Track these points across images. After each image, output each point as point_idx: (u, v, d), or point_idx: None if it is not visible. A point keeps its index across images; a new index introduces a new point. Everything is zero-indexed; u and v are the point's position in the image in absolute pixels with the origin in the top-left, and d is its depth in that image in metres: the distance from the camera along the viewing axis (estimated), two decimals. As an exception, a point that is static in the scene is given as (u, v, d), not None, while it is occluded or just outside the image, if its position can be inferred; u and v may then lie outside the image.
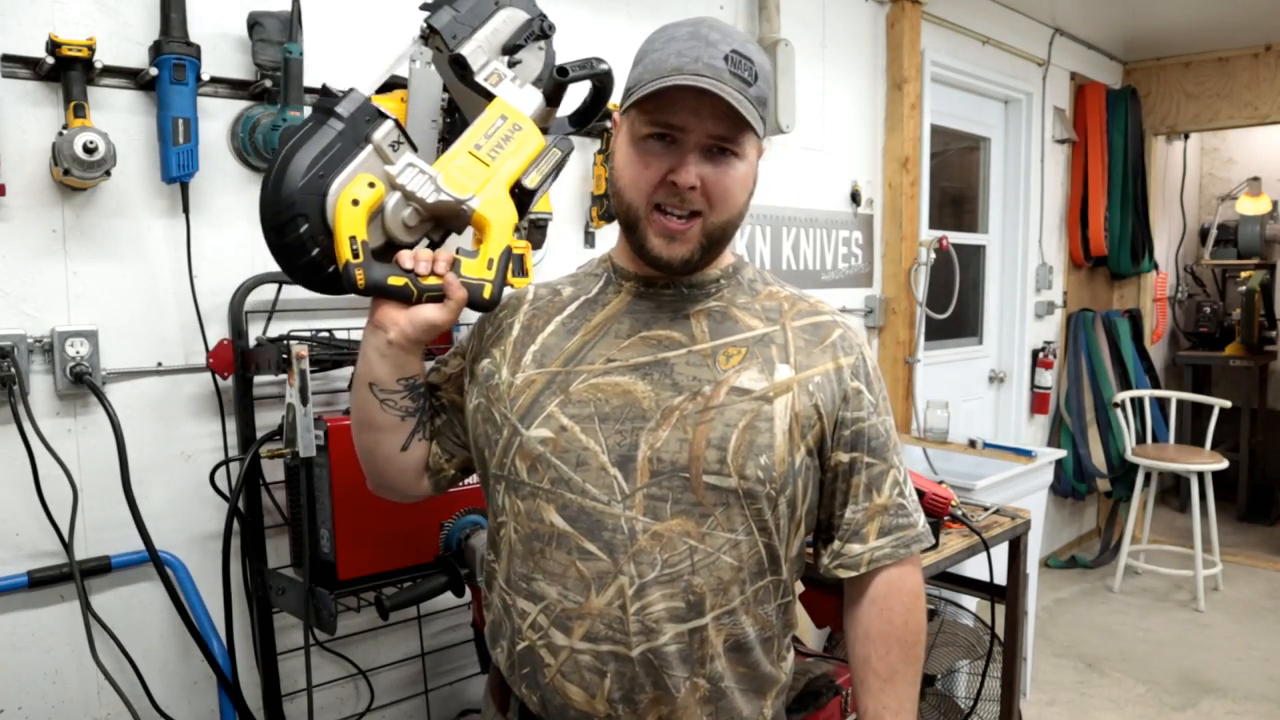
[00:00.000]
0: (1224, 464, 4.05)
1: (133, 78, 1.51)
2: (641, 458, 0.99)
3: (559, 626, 1.00)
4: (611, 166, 1.07)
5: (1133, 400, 4.35)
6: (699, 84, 0.94)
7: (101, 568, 1.52)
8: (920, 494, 1.89)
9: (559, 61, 1.21)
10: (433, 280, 1.04)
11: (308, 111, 1.60)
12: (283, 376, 1.56)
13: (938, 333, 3.58)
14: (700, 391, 1.01)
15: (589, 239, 2.23)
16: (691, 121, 0.97)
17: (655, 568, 0.98)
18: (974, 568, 2.08)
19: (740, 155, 1.00)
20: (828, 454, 1.07)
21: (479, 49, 1.14)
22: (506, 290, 1.14)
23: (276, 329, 1.68)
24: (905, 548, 1.10)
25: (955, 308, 3.41)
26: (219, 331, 1.63)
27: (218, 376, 1.63)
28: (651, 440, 0.99)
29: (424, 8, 1.17)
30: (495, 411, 1.07)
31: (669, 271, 1.04)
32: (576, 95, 1.24)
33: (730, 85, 0.95)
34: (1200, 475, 4.05)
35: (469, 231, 1.12)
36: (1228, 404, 4.17)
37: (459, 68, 1.14)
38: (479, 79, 1.14)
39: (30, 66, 1.41)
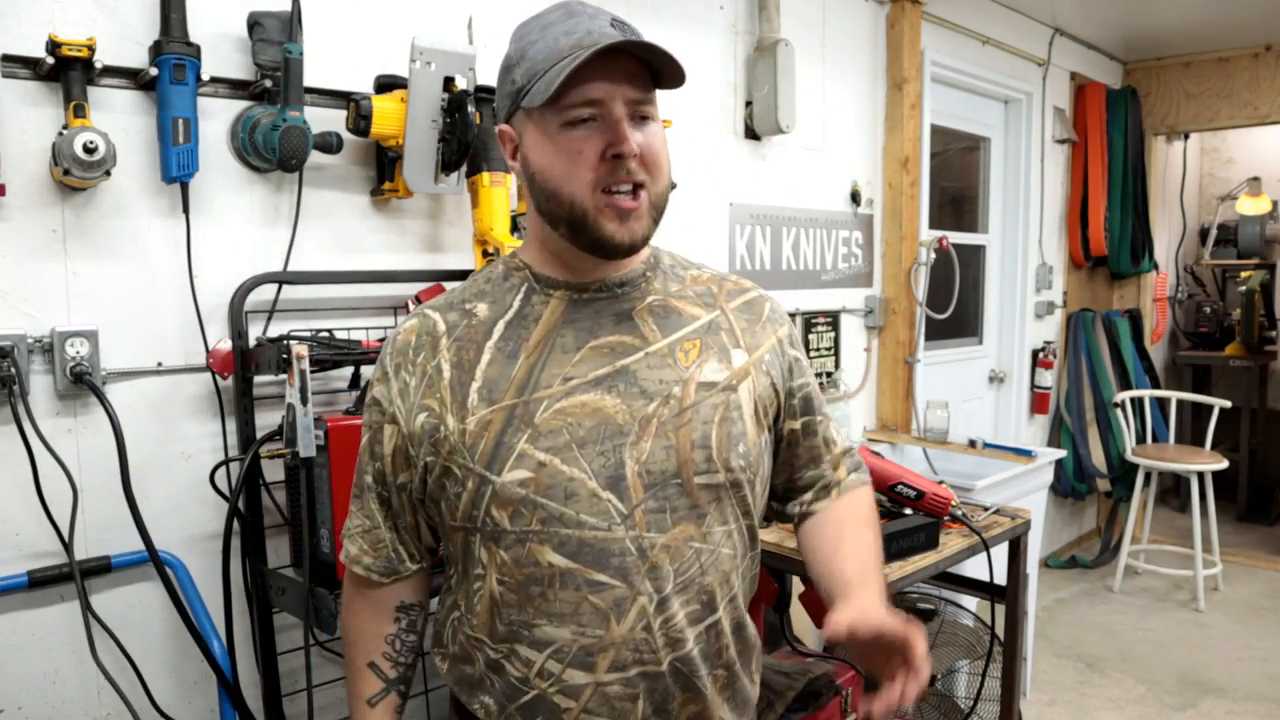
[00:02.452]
0: (1224, 464, 4.04)
1: (133, 78, 1.51)
2: (631, 474, 0.95)
3: (579, 665, 0.96)
4: (529, 174, 0.98)
5: (1133, 400, 4.35)
6: (613, 43, 0.90)
7: (101, 568, 1.52)
8: (920, 494, 1.90)
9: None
10: None
11: (308, 112, 1.61)
12: (283, 376, 1.56)
13: (938, 333, 3.58)
14: (670, 394, 0.98)
15: (589, 239, 2.23)
16: (609, 92, 0.92)
17: (670, 580, 0.96)
18: (974, 568, 2.08)
19: (655, 119, 0.98)
20: (781, 423, 1.11)
21: None
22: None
23: (276, 329, 1.68)
24: (861, 473, 1.21)
25: (955, 308, 3.41)
26: (219, 331, 1.63)
27: (218, 376, 1.63)
28: (636, 454, 0.96)
29: None
30: (452, 464, 0.98)
31: (621, 256, 0.99)
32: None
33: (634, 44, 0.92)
34: (1200, 475, 4.05)
35: None
36: (1228, 404, 4.17)
37: None
38: None
39: (30, 66, 1.41)
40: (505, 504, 0.96)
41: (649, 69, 0.96)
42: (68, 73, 1.40)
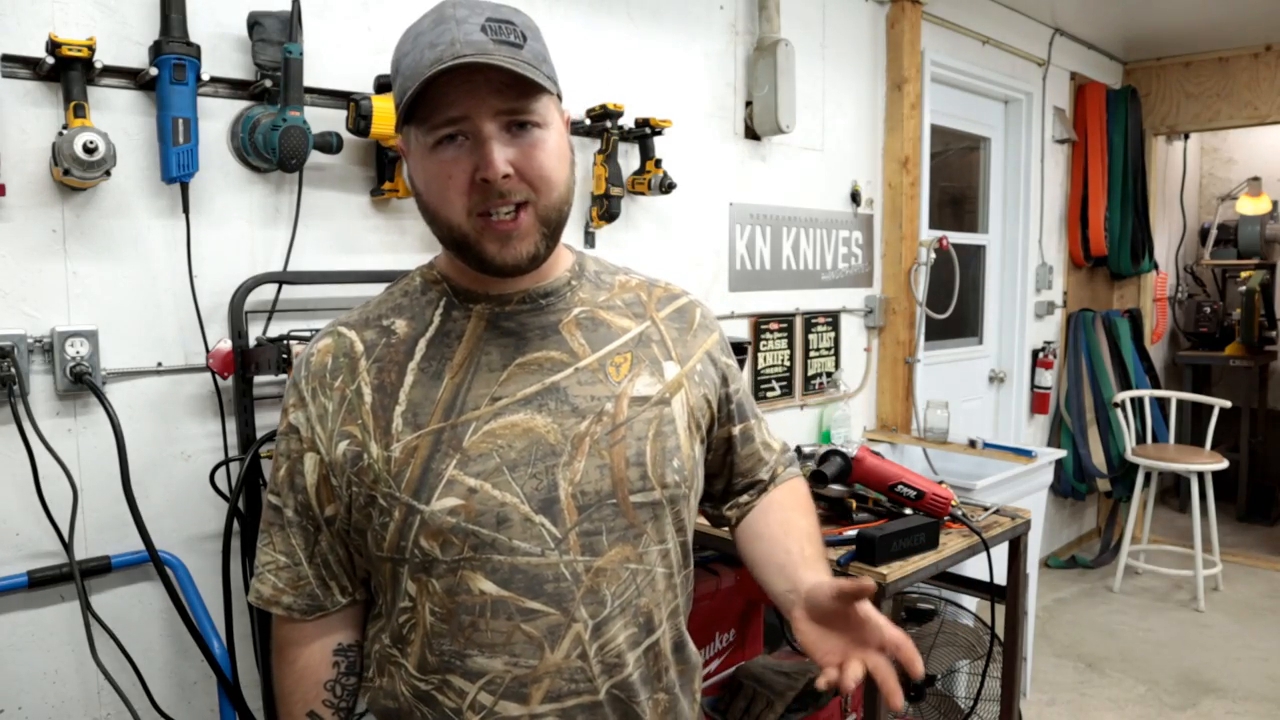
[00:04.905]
0: (1224, 464, 4.05)
1: (133, 78, 1.51)
2: (564, 496, 0.92)
3: (512, 697, 0.92)
4: (415, 192, 0.94)
5: (1133, 400, 4.35)
6: (461, 62, 0.83)
7: (101, 568, 1.52)
8: (920, 494, 1.90)
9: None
10: None
11: (308, 112, 1.61)
12: (283, 376, 1.57)
13: (938, 333, 3.58)
14: (603, 411, 0.95)
15: (589, 239, 2.23)
16: (472, 106, 0.86)
17: (606, 604, 0.93)
18: (974, 568, 2.08)
19: (542, 124, 0.89)
20: (715, 431, 1.10)
21: None
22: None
23: (276, 329, 1.68)
24: (795, 467, 1.22)
25: (955, 308, 3.41)
26: (219, 331, 1.63)
27: (218, 376, 1.63)
28: (569, 475, 0.92)
29: None
30: (376, 494, 0.93)
31: (519, 274, 0.94)
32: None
33: (498, 53, 0.85)
34: (1200, 475, 4.05)
35: None
36: (1228, 404, 4.17)
37: None
38: None
39: (30, 66, 1.41)
40: (435, 534, 0.91)
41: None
42: (68, 73, 1.40)
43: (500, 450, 0.92)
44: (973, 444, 3.00)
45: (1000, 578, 2.02)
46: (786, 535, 1.08)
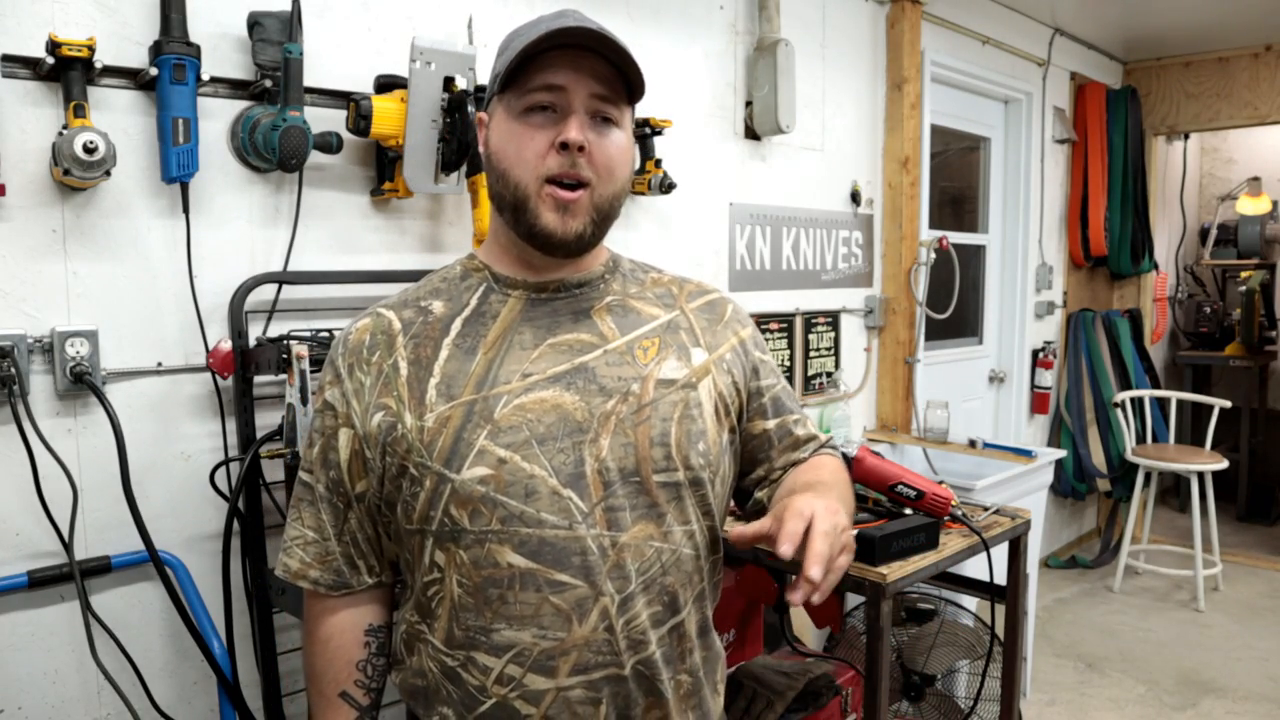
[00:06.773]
0: (1224, 464, 4.04)
1: (133, 78, 1.51)
2: (590, 471, 0.94)
3: (539, 670, 0.94)
4: (488, 155, 1.00)
5: (1133, 400, 4.35)
6: (580, 25, 0.92)
7: (101, 568, 1.52)
8: (920, 494, 1.90)
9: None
10: None
11: (308, 112, 1.61)
12: (283, 376, 1.57)
13: (938, 333, 3.58)
14: (630, 391, 0.98)
15: (589, 239, 2.23)
16: (572, 80, 0.94)
17: (632, 579, 0.95)
18: (974, 568, 2.07)
19: (620, 125, 0.98)
20: (745, 424, 1.10)
21: None
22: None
23: (276, 329, 1.68)
24: (834, 448, 1.19)
25: (955, 308, 3.41)
26: (219, 331, 1.63)
27: (218, 376, 1.63)
28: (595, 451, 0.95)
29: None
30: (409, 463, 0.96)
31: (563, 253, 0.99)
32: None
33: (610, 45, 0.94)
34: (1200, 475, 4.05)
35: None
36: (1228, 404, 4.17)
37: None
38: None
39: (30, 66, 1.41)
40: (465, 502, 0.94)
41: (623, 80, 0.97)
42: (68, 73, 1.40)
43: (530, 424, 0.95)
44: (973, 444, 3.00)
45: (1000, 578, 2.02)
46: (793, 483, 1.05)
